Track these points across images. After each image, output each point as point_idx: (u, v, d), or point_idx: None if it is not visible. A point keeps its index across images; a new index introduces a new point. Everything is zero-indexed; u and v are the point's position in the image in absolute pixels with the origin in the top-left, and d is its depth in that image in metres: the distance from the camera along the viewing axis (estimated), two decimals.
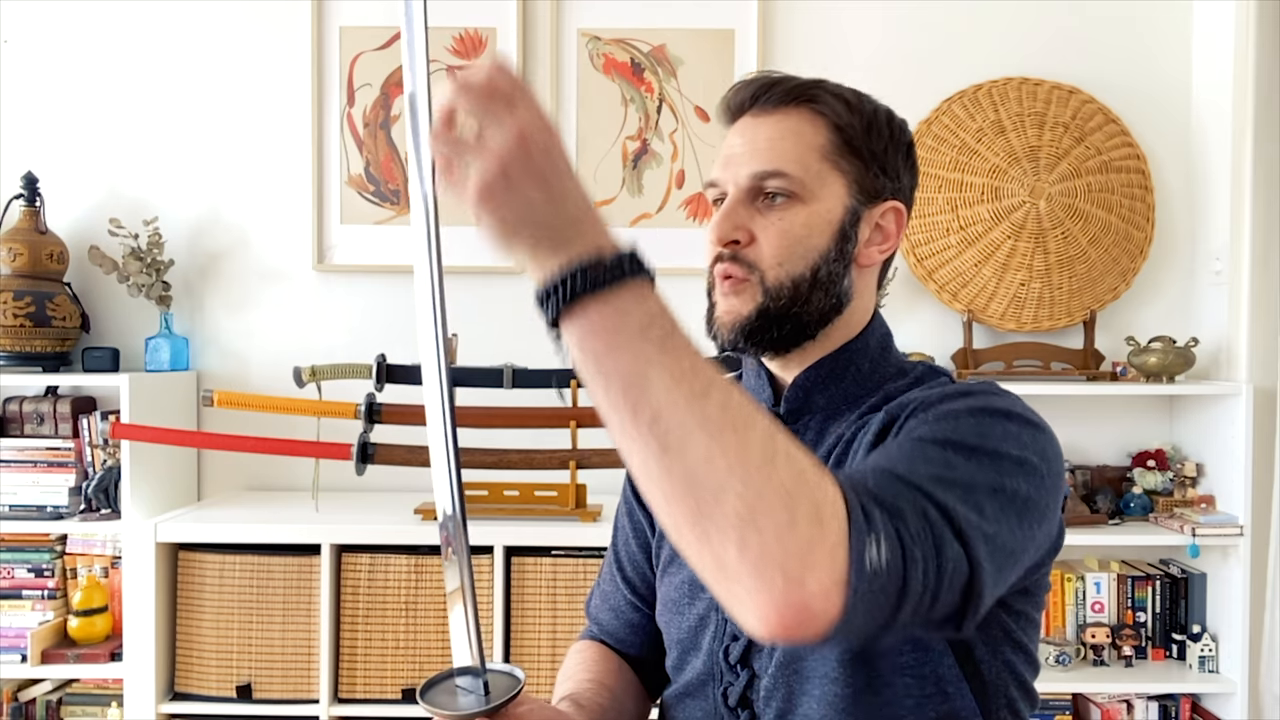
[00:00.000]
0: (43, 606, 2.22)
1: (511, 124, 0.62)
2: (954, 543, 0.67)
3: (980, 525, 0.69)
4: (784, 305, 0.89)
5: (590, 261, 0.63)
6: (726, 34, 2.46)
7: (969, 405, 0.79)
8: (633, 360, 0.62)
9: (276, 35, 2.48)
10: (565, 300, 0.62)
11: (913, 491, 0.68)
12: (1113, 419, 2.46)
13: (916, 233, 2.44)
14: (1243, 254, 2.25)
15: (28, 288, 2.26)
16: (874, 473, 0.70)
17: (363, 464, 2.11)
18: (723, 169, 0.92)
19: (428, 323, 0.72)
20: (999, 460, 0.74)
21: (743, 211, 0.90)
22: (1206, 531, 2.16)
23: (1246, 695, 2.17)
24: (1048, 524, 0.79)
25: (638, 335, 0.62)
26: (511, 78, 0.63)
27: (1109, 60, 2.48)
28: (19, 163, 2.41)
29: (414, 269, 0.73)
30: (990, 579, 0.69)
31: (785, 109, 0.91)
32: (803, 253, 0.89)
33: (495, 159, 0.62)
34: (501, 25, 2.45)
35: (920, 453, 0.73)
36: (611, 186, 2.47)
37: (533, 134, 0.62)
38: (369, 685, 2.05)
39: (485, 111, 0.63)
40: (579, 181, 0.65)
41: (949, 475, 0.71)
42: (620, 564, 1.11)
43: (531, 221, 0.63)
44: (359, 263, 2.46)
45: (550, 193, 0.63)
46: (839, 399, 0.93)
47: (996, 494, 0.72)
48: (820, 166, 0.89)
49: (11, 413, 2.32)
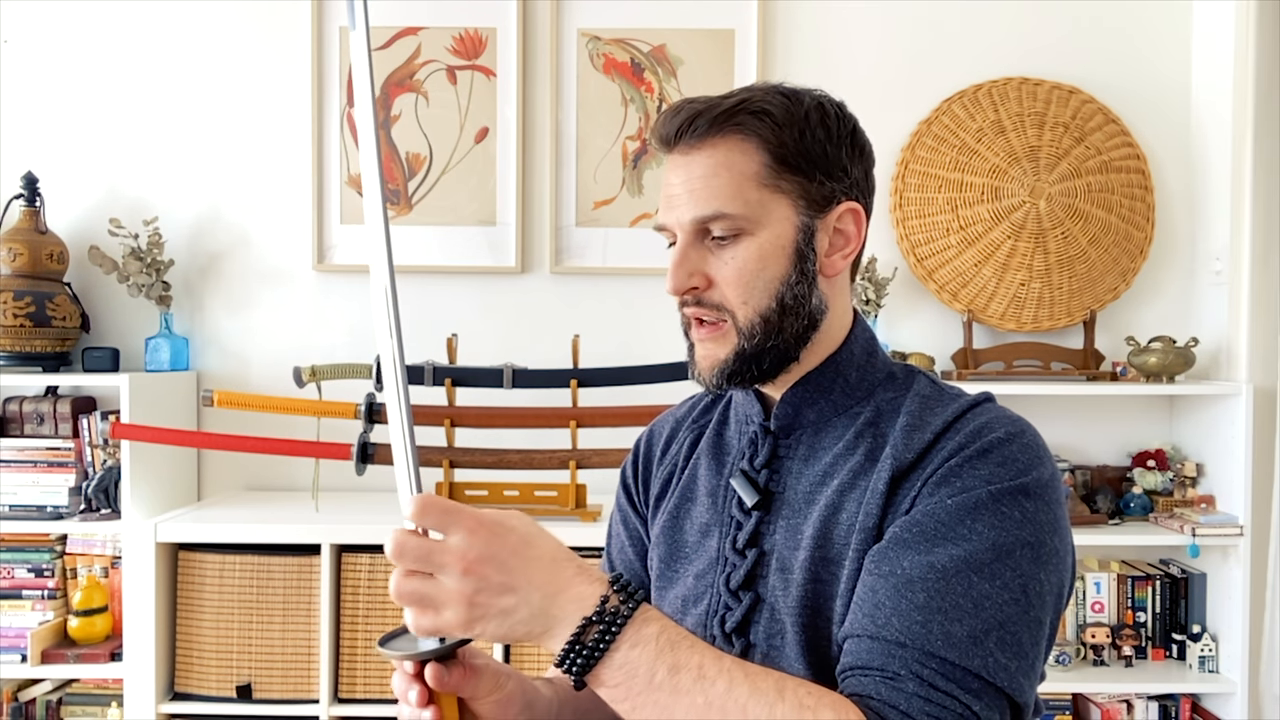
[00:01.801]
0: (43, 606, 2.22)
1: (454, 561, 0.70)
2: (1001, 708, 0.75)
3: (1019, 665, 0.76)
4: (759, 342, 0.88)
5: (581, 629, 0.71)
6: (726, 34, 2.46)
7: (990, 489, 0.80)
8: (656, 711, 0.71)
9: (276, 35, 2.48)
10: (582, 671, 0.71)
11: (955, 686, 0.74)
12: (1113, 419, 2.46)
13: (916, 233, 2.44)
14: (1243, 254, 2.25)
15: (28, 288, 2.26)
16: (914, 663, 0.75)
17: (363, 464, 2.11)
18: (665, 212, 0.91)
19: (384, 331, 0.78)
20: (1020, 564, 0.78)
21: (694, 256, 0.89)
22: (1206, 531, 2.16)
23: (1246, 695, 2.17)
24: (1065, 573, 0.83)
25: (648, 685, 0.71)
26: (435, 514, 0.71)
27: (1109, 60, 2.48)
28: (19, 163, 2.42)
29: (370, 269, 0.78)
30: (1031, 698, 0.77)
31: (713, 140, 0.88)
32: (763, 285, 0.88)
33: (457, 600, 0.70)
34: (501, 25, 2.45)
35: (947, 597, 0.76)
36: (611, 186, 2.47)
37: (475, 558, 0.70)
38: (369, 685, 2.05)
39: (425, 564, 0.70)
40: (540, 542, 0.73)
41: (981, 624, 0.75)
42: (614, 569, 1.10)
43: (519, 624, 0.71)
44: (359, 263, 2.46)
45: (519, 595, 0.71)
46: (828, 411, 0.93)
47: (1027, 610, 0.77)
48: (759, 195, 0.87)
49: (11, 413, 2.32)
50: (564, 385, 2.16)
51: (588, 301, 2.47)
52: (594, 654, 0.70)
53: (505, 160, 2.46)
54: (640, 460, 1.10)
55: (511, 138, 2.45)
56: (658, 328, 2.46)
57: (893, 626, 0.76)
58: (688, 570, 0.96)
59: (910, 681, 0.74)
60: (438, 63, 2.46)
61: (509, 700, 0.84)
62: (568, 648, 0.71)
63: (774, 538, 0.90)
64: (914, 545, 0.79)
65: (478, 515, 0.72)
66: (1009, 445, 0.83)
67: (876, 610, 0.78)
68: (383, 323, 0.77)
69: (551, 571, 0.72)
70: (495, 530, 0.71)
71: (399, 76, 2.46)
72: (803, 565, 0.86)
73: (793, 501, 0.91)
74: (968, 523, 0.79)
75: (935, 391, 0.92)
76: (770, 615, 0.88)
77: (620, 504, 1.12)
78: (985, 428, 0.84)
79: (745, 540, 0.91)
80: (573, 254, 2.47)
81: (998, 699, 0.75)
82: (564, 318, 2.45)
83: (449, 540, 0.71)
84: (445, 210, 2.47)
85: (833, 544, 0.86)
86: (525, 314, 2.47)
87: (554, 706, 0.91)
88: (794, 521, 0.89)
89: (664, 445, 1.08)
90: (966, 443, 0.83)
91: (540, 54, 2.46)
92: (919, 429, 0.86)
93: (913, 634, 0.75)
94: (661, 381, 2.22)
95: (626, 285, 2.47)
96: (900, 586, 0.77)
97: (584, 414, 2.15)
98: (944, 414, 0.87)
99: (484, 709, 0.82)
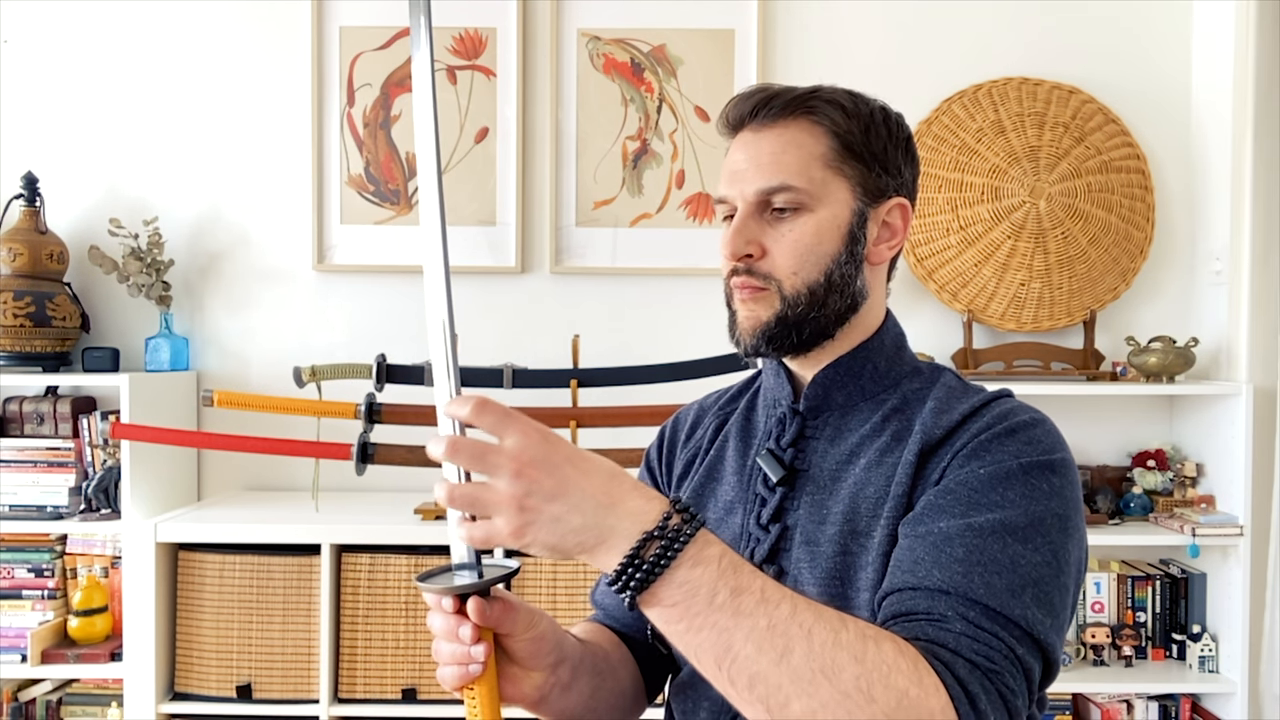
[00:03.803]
0: (43, 606, 2.22)
1: (506, 462, 0.68)
2: (1038, 658, 0.77)
3: (1053, 623, 0.78)
4: (802, 311, 0.92)
5: (642, 543, 0.68)
6: (726, 34, 2.46)
7: (1019, 462, 0.83)
8: (714, 635, 0.68)
9: (276, 35, 2.48)
10: (639, 589, 0.68)
11: (999, 628, 0.75)
12: (1113, 419, 2.46)
13: (917, 233, 2.44)
14: (1243, 254, 2.25)
15: (28, 288, 2.26)
16: (959, 606, 0.76)
17: (363, 464, 2.11)
18: (729, 185, 0.95)
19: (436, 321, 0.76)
20: (1050, 533, 0.81)
21: (753, 226, 0.93)
22: (1206, 531, 2.16)
23: (1246, 695, 2.17)
24: (1085, 549, 0.86)
25: (708, 606, 0.68)
26: (492, 414, 0.69)
27: (1109, 60, 2.48)
28: (19, 163, 2.42)
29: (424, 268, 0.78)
30: (1060, 656, 0.80)
31: (784, 121, 0.93)
32: (815, 260, 0.92)
33: (508, 503, 0.68)
34: (501, 25, 2.45)
35: (985, 553, 0.78)
36: (611, 186, 2.47)
37: (528, 461, 0.68)
38: (369, 685, 2.05)
39: (479, 464, 0.69)
40: (596, 458, 0.71)
41: (1019, 579, 0.77)
42: None
43: (570, 532, 0.69)
44: (359, 263, 2.46)
45: (570, 501, 0.69)
46: (856, 395, 0.96)
47: (1058, 575, 0.80)
48: (824, 174, 0.92)
49: (11, 413, 2.32)
50: (564, 385, 2.16)
51: (588, 301, 2.47)
52: (654, 570, 0.68)
53: (505, 160, 2.46)
54: (665, 444, 1.13)
55: (511, 138, 2.45)
56: (658, 328, 2.46)
57: (934, 577, 0.78)
58: None
59: (957, 622, 0.75)
60: (438, 63, 2.46)
61: (541, 638, 0.84)
62: (626, 561, 0.68)
63: (798, 513, 0.92)
64: (949, 510, 0.82)
65: (533, 421, 0.71)
66: (1034, 428, 0.87)
67: (916, 565, 0.80)
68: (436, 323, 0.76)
69: (607, 484, 0.70)
70: (550, 437, 0.70)
71: (399, 76, 2.46)
72: (831, 539, 0.88)
73: (818, 479, 0.93)
74: (1000, 490, 0.81)
75: (960, 385, 0.96)
76: (794, 586, 0.88)
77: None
78: (1010, 413, 0.89)
79: (770, 516, 0.94)
80: (573, 254, 2.47)
81: (1035, 650, 0.77)
82: (564, 318, 2.45)
83: (504, 442, 0.69)
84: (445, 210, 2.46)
85: (861, 517, 0.88)
86: (525, 314, 2.47)
87: (579, 654, 0.92)
88: (819, 498, 0.92)
89: (689, 429, 1.11)
90: (994, 423, 0.87)
91: (540, 54, 2.46)
92: (945, 412, 0.90)
93: (955, 583, 0.77)
94: (661, 381, 2.22)
95: (627, 285, 2.47)
96: (939, 543, 0.80)
97: (584, 414, 2.15)
98: (969, 401, 0.91)
99: (518, 646, 0.83)
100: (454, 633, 0.77)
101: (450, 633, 0.78)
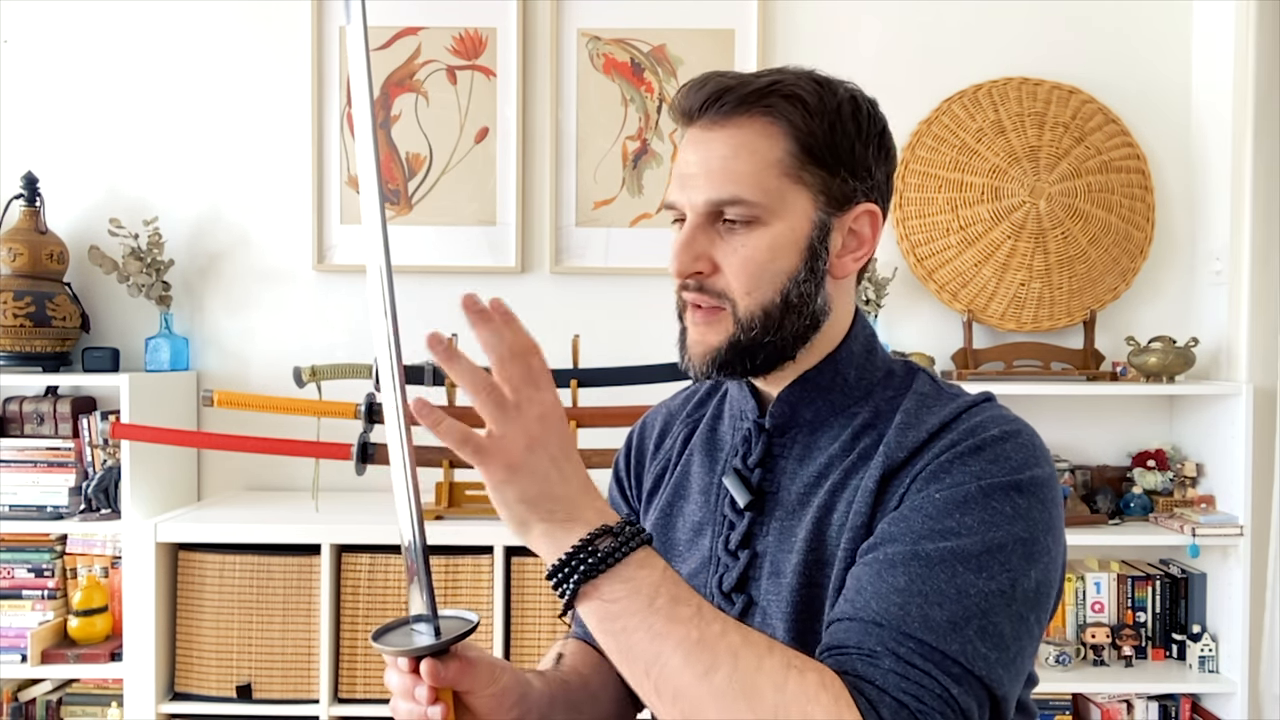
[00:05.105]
0: (43, 606, 2.22)
1: (538, 402, 0.70)
2: (978, 697, 0.73)
3: (1000, 658, 0.73)
4: (756, 335, 0.85)
5: (598, 533, 0.71)
6: (726, 34, 2.46)
7: (980, 484, 0.78)
8: (648, 638, 0.69)
9: (276, 35, 2.47)
10: (585, 576, 0.70)
11: (933, 665, 0.72)
12: (1113, 419, 2.46)
13: (916, 233, 2.44)
14: (1243, 254, 2.25)
15: (28, 288, 2.26)
16: (890, 641, 0.73)
17: (363, 464, 2.11)
18: (678, 190, 0.87)
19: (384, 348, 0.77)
20: (1009, 559, 0.76)
21: (702, 239, 0.85)
22: (1206, 531, 2.16)
23: (1246, 695, 2.17)
24: (1055, 573, 0.80)
25: (647, 607, 0.70)
26: (541, 360, 0.72)
27: (1109, 60, 2.48)
28: (19, 163, 2.41)
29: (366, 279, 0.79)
30: (1012, 693, 0.75)
31: (738, 119, 0.84)
32: (770, 278, 0.84)
33: (522, 433, 0.69)
34: (501, 25, 2.45)
35: (929, 583, 0.74)
36: (611, 186, 2.47)
37: (551, 416, 0.71)
38: (369, 685, 2.05)
39: (525, 385, 0.70)
40: (578, 461, 0.74)
41: (963, 611, 0.73)
42: None
43: (548, 495, 0.70)
44: (359, 263, 2.45)
45: (561, 470, 0.71)
46: (825, 411, 0.90)
47: (1010, 604, 0.75)
48: (780, 184, 0.83)
49: (11, 413, 2.32)
50: (564, 385, 2.16)
51: (588, 301, 2.47)
52: (604, 561, 0.70)
53: (505, 160, 2.46)
54: (633, 454, 1.08)
55: (511, 138, 2.45)
56: (658, 328, 2.45)
57: (870, 608, 0.74)
58: (680, 570, 0.96)
59: (887, 659, 0.72)
60: (438, 63, 2.46)
61: (504, 694, 0.82)
62: (581, 545, 0.70)
63: (767, 539, 0.89)
64: (899, 538, 0.77)
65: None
66: (1003, 443, 0.81)
67: (857, 595, 0.76)
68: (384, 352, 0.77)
69: (587, 481, 0.74)
70: (565, 420, 0.73)
71: (399, 76, 2.46)
72: (795, 569, 0.85)
73: (786, 502, 0.89)
74: (956, 516, 0.77)
75: (934, 390, 0.90)
76: (762, 619, 0.87)
77: (612, 497, 1.10)
78: (980, 426, 0.83)
79: (738, 541, 0.90)
80: (573, 254, 2.47)
81: (976, 687, 0.72)
82: (564, 318, 2.44)
83: (541, 388, 0.72)
84: (445, 210, 2.47)
85: (825, 546, 0.84)
86: (525, 314, 2.42)
87: (545, 699, 0.89)
88: (787, 524, 0.88)
89: (657, 439, 1.06)
90: (959, 440, 0.81)
91: (540, 54, 2.46)
92: (913, 427, 0.84)
93: (890, 615, 0.73)
94: (661, 381, 2.22)
95: (626, 285, 2.47)
96: (881, 571, 0.76)
97: (584, 414, 2.15)
98: (941, 413, 0.85)
99: (479, 703, 0.80)
100: (410, 692, 0.76)
101: (406, 692, 0.76)
